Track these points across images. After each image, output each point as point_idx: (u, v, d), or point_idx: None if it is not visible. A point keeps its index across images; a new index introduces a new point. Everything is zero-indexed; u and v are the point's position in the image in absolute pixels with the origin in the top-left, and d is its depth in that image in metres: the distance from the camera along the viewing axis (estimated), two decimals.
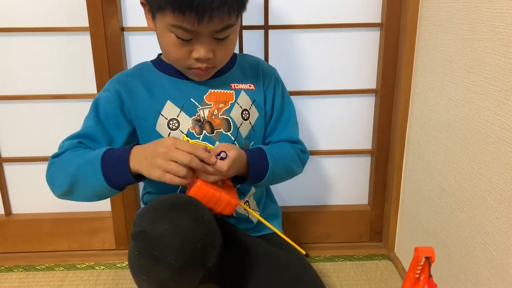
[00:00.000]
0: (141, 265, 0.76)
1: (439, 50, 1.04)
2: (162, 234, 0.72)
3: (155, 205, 0.77)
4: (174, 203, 0.77)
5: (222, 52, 0.89)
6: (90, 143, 0.89)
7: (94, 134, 0.90)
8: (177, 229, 0.73)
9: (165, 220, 0.74)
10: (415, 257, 0.76)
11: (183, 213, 0.75)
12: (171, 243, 0.72)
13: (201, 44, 0.85)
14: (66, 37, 1.23)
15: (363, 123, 1.35)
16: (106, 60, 1.22)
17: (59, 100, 1.29)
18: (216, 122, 0.95)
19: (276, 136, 1.05)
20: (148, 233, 0.73)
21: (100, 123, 0.91)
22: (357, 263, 1.34)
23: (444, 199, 1.03)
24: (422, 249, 0.75)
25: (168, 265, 0.73)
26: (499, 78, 0.81)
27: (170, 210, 0.75)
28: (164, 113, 0.93)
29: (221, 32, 0.84)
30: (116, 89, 0.93)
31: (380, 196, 1.39)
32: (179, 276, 0.76)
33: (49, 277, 1.29)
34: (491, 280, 0.85)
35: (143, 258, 0.75)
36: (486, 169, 0.86)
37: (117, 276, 1.29)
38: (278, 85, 1.06)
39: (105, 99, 0.93)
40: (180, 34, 0.83)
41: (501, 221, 0.82)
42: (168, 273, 0.74)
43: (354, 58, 1.28)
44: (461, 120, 0.95)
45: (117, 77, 0.97)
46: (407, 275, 0.79)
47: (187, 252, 0.73)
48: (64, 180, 0.83)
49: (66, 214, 1.39)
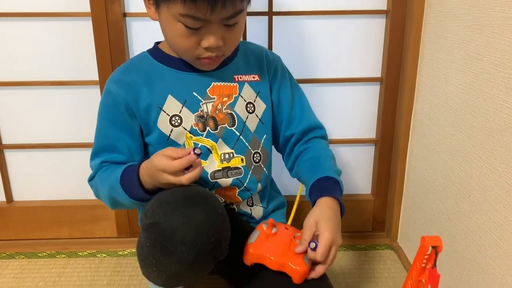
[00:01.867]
0: (153, 257, 0.75)
1: (446, 37, 1.02)
2: (177, 227, 0.72)
3: (169, 197, 0.77)
4: (189, 196, 0.76)
5: (232, 38, 0.86)
6: (111, 156, 0.92)
7: (110, 145, 0.92)
8: (192, 223, 0.73)
9: (179, 213, 0.73)
10: (421, 246, 0.75)
11: (198, 206, 0.75)
12: (185, 237, 0.72)
13: (210, 32, 0.81)
14: (67, 23, 1.21)
15: (367, 112, 1.33)
16: (108, 46, 1.20)
17: (61, 87, 1.27)
18: (220, 117, 0.93)
19: (298, 126, 1.01)
20: (162, 225, 0.73)
21: (112, 130, 0.91)
22: (360, 252, 1.34)
23: (449, 188, 1.02)
24: (429, 238, 0.74)
25: (180, 258, 0.73)
26: (508, 65, 0.79)
27: (185, 203, 0.75)
28: (166, 108, 0.90)
29: (231, 18, 0.81)
30: (116, 91, 0.90)
31: (383, 186, 1.38)
32: (191, 269, 0.75)
33: (51, 264, 1.28)
34: (496, 269, 0.84)
35: (155, 250, 0.74)
36: (493, 157, 0.85)
37: (119, 264, 1.28)
38: (285, 74, 1.03)
39: (108, 105, 0.91)
40: (190, 23, 0.80)
41: (508, 210, 0.81)
42: (180, 266, 0.74)
43: (359, 45, 1.27)
44: (468, 108, 0.93)
45: (114, 76, 0.93)
46: (413, 264, 0.79)
47: (201, 245, 0.73)
48: (105, 201, 0.92)
49: (67, 202, 1.38)
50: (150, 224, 0.74)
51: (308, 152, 0.99)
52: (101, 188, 0.90)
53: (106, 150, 0.92)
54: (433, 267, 0.75)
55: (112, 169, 0.90)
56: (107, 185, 0.88)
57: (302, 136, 1.01)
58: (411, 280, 0.79)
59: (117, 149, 0.91)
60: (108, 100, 0.92)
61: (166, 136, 0.91)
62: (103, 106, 0.92)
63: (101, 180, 0.90)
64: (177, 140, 0.92)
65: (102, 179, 0.90)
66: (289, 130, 1.01)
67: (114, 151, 0.91)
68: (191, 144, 0.92)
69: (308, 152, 0.99)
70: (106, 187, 0.88)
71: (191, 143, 0.92)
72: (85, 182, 0.96)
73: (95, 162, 0.93)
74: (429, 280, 0.75)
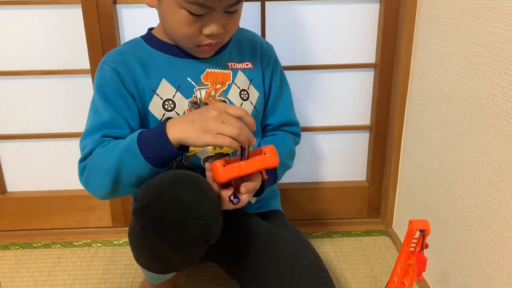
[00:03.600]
0: (143, 240, 0.75)
1: (440, 22, 1.01)
2: (166, 210, 0.71)
3: (158, 181, 0.75)
4: (178, 179, 0.75)
5: (231, 25, 0.86)
6: (112, 131, 0.84)
7: (111, 120, 0.85)
8: (181, 205, 0.72)
9: (168, 196, 0.72)
10: (409, 229, 0.75)
11: (187, 188, 0.74)
12: (174, 219, 0.71)
13: (213, 19, 0.81)
14: (57, 11, 1.20)
15: (362, 98, 1.33)
16: (99, 34, 1.19)
17: (52, 76, 1.26)
18: (213, 103, 0.93)
19: (276, 118, 1.04)
20: (151, 209, 0.72)
21: (111, 106, 0.86)
22: (355, 239, 1.34)
23: (444, 173, 1.02)
24: (417, 222, 0.74)
25: (171, 241, 0.72)
26: (502, 48, 0.78)
27: (174, 185, 0.74)
28: (159, 92, 0.90)
29: (234, 5, 0.81)
30: (112, 68, 0.88)
31: (378, 172, 1.38)
32: (182, 252, 0.75)
33: (46, 254, 1.28)
34: (489, 253, 0.85)
35: (146, 234, 0.73)
36: (487, 142, 0.84)
37: (114, 253, 1.28)
38: (277, 66, 1.03)
39: (106, 81, 0.88)
40: (195, 10, 0.79)
41: (501, 194, 0.81)
42: (170, 249, 0.73)
43: (353, 31, 1.25)
44: (462, 92, 0.93)
45: (109, 57, 0.91)
46: (402, 248, 0.78)
47: (191, 228, 0.72)
48: (105, 179, 0.79)
49: (62, 192, 1.38)
50: (139, 207, 0.73)
51: (271, 137, 1.03)
52: (103, 164, 0.80)
53: (105, 126, 0.85)
54: (420, 250, 0.75)
55: (118, 141, 0.82)
56: (114, 156, 0.78)
57: (277, 127, 1.04)
58: (400, 264, 0.79)
59: (117, 125, 0.85)
60: (104, 76, 0.88)
61: (158, 121, 0.90)
62: (98, 84, 0.88)
63: (103, 154, 0.80)
64: None
65: (104, 152, 0.80)
66: (268, 120, 1.03)
67: (115, 126, 0.85)
68: None
69: (270, 137, 1.03)
70: (112, 159, 0.78)
71: None
72: None
73: (92, 138, 0.84)
74: (416, 264, 0.75)
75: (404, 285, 0.79)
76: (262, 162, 0.78)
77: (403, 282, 0.79)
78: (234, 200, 0.82)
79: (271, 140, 1.03)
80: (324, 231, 1.37)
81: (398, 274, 0.79)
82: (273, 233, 0.95)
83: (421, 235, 0.74)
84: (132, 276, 1.19)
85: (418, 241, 0.75)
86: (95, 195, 0.84)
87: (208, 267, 1.14)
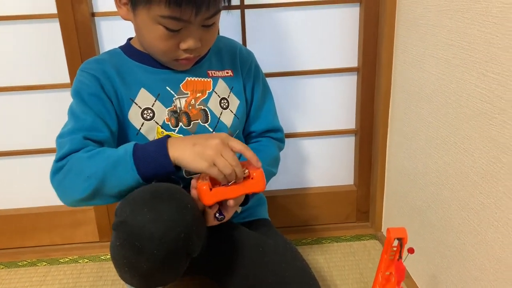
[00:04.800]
0: (123, 256, 0.74)
1: (419, 24, 1.01)
2: (144, 224, 0.70)
3: (137, 195, 0.74)
4: (156, 192, 0.74)
5: (209, 39, 0.87)
6: (93, 134, 0.82)
7: (92, 123, 0.83)
8: (160, 219, 0.70)
9: (147, 210, 0.71)
10: (387, 238, 0.74)
11: (166, 201, 0.72)
12: (153, 233, 0.70)
13: (190, 34, 0.81)
14: (34, 25, 1.18)
15: (346, 103, 1.32)
16: (78, 48, 1.18)
17: (31, 92, 1.24)
18: (193, 112, 0.92)
19: (260, 125, 1.04)
20: (130, 223, 0.71)
21: (90, 110, 0.84)
22: (345, 244, 1.33)
23: (428, 176, 1.02)
24: (394, 230, 0.73)
25: (151, 256, 0.71)
26: (478, 49, 0.78)
27: (152, 199, 0.72)
28: (138, 101, 0.89)
29: (211, 18, 0.81)
30: (91, 74, 0.87)
31: (365, 176, 1.37)
32: (163, 267, 0.74)
33: (32, 272, 1.26)
34: (476, 256, 0.84)
35: (125, 249, 0.72)
36: (468, 143, 0.84)
37: (101, 269, 1.26)
38: (258, 73, 1.03)
39: (84, 85, 0.86)
40: (171, 25, 0.79)
41: (484, 195, 0.80)
42: (151, 264, 0.72)
43: (335, 36, 1.25)
44: (442, 94, 0.93)
45: (87, 64, 0.90)
46: (381, 257, 0.77)
47: (170, 242, 0.71)
48: (85, 185, 0.76)
49: (47, 208, 1.35)
50: (118, 222, 0.72)
51: (255, 144, 1.03)
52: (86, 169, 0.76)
53: (85, 129, 0.82)
54: (398, 259, 0.74)
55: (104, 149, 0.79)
56: (103, 164, 0.75)
57: (261, 134, 1.04)
58: (381, 273, 0.78)
59: (97, 128, 0.83)
60: (82, 82, 0.86)
61: (136, 130, 0.89)
62: (77, 88, 0.86)
63: (89, 159, 0.76)
64: (147, 135, 0.90)
65: (89, 158, 0.77)
66: (251, 127, 1.04)
67: (95, 129, 0.82)
68: None
69: (254, 144, 1.03)
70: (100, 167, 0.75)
71: None
72: None
73: (71, 138, 0.80)
74: (395, 273, 0.74)
75: None
76: (249, 187, 0.78)
77: None
78: (219, 217, 0.82)
79: (255, 147, 1.02)
80: (313, 238, 1.36)
81: (379, 283, 0.78)
82: (260, 242, 0.94)
83: (399, 244, 0.73)
84: None
85: (397, 249, 0.75)
86: (65, 199, 0.80)
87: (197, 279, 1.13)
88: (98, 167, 0.76)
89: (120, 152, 0.77)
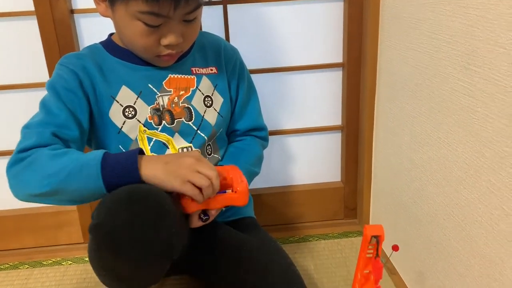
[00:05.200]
0: (101, 259, 0.71)
1: (403, 18, 1.00)
2: (121, 226, 0.68)
3: (113, 196, 0.71)
4: (133, 193, 0.71)
5: (191, 34, 0.85)
6: (62, 131, 0.79)
7: (61, 120, 0.80)
8: (136, 221, 0.68)
9: (123, 211, 0.69)
10: (364, 236, 0.73)
11: (143, 202, 0.70)
12: (130, 236, 0.67)
13: (171, 29, 0.79)
14: (11, 23, 1.15)
15: (332, 99, 1.31)
16: (57, 46, 1.15)
17: (10, 91, 1.21)
18: (176, 110, 0.90)
19: (244, 123, 1.02)
20: (106, 225, 0.68)
21: (64, 105, 0.81)
22: (332, 241, 1.32)
23: (414, 171, 1.00)
24: (370, 227, 0.72)
25: (127, 259, 0.69)
26: (460, 42, 0.77)
27: (129, 200, 0.70)
28: (119, 99, 0.87)
29: (191, 13, 0.79)
30: (70, 69, 0.84)
31: (352, 172, 1.36)
32: (142, 270, 0.71)
33: (13, 276, 1.23)
34: (461, 251, 0.83)
35: (102, 252, 0.70)
36: (451, 138, 0.83)
37: (85, 271, 1.24)
38: (243, 71, 1.01)
39: (61, 79, 0.83)
40: (150, 21, 0.77)
41: (468, 191, 0.79)
42: (128, 267, 0.70)
43: (319, 31, 1.24)
44: (426, 89, 0.91)
45: (66, 59, 0.87)
46: (359, 255, 0.76)
47: (147, 244, 0.68)
48: (43, 182, 0.73)
49: (30, 209, 1.33)
50: (94, 225, 0.70)
51: (238, 142, 1.02)
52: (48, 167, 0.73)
53: (56, 125, 0.79)
54: (375, 257, 0.72)
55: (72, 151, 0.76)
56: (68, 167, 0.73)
57: (245, 133, 1.03)
58: (360, 271, 0.76)
59: (68, 126, 0.80)
60: (60, 75, 0.84)
61: (118, 129, 0.87)
62: (54, 82, 0.84)
63: (53, 159, 0.74)
64: (129, 134, 0.88)
65: (55, 157, 0.74)
66: (236, 125, 1.02)
67: (66, 127, 0.80)
68: (145, 138, 0.88)
69: (238, 142, 1.02)
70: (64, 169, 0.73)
71: (144, 137, 0.88)
72: None
73: (39, 131, 0.77)
74: (373, 271, 0.73)
75: None
76: (231, 200, 0.78)
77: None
78: (204, 218, 0.81)
79: (238, 146, 1.01)
80: (300, 235, 1.35)
81: (359, 281, 0.76)
82: (244, 241, 0.92)
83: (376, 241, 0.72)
84: None
85: (374, 247, 0.73)
86: (17, 192, 0.76)
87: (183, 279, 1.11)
88: (62, 167, 0.73)
89: (89, 157, 0.74)
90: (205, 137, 0.93)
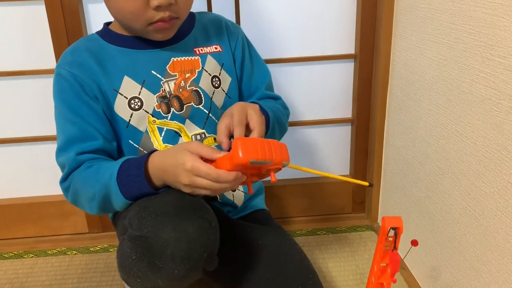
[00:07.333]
0: (138, 269, 0.69)
1: (419, 8, 0.97)
2: (168, 243, 0.66)
3: (158, 208, 0.70)
4: (181, 207, 0.70)
5: None
6: (85, 145, 0.79)
7: (81, 133, 0.80)
8: (184, 238, 0.66)
9: (171, 228, 0.67)
10: (382, 228, 0.71)
11: (190, 219, 0.68)
12: (176, 254, 0.66)
13: None
14: (19, 8, 1.13)
15: (343, 91, 1.29)
16: (65, 32, 1.13)
17: (19, 77, 1.19)
18: (184, 95, 0.86)
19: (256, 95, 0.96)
20: (151, 240, 0.66)
21: (77, 116, 0.80)
22: (340, 235, 1.30)
23: (428, 165, 0.99)
24: (389, 219, 0.70)
25: (169, 275, 0.67)
26: (483, 33, 0.75)
27: (176, 215, 0.68)
28: (123, 91, 0.83)
29: None
30: (69, 72, 0.81)
31: (362, 166, 1.34)
32: (178, 283, 0.70)
33: (18, 265, 1.22)
34: (477, 247, 0.81)
35: (142, 264, 0.68)
36: (470, 131, 0.81)
37: (90, 261, 1.23)
38: (246, 45, 0.96)
39: (65, 89, 0.81)
40: None
41: (487, 185, 0.77)
42: (168, 281, 0.68)
43: (331, 21, 1.21)
44: (443, 81, 0.89)
45: (63, 59, 0.84)
46: (377, 247, 0.74)
47: (192, 262, 0.67)
48: (92, 204, 0.78)
49: (34, 198, 1.31)
50: (137, 236, 0.67)
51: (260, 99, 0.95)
52: (85, 190, 0.77)
53: (77, 140, 0.80)
54: (393, 249, 0.70)
55: (97, 166, 0.78)
56: (95, 187, 0.75)
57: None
58: (376, 264, 0.74)
59: (89, 136, 0.80)
60: (62, 85, 0.82)
61: (126, 123, 0.84)
62: (59, 93, 0.83)
63: (85, 180, 0.77)
64: (139, 127, 0.85)
65: (85, 178, 0.77)
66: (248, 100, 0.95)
67: (86, 139, 0.80)
68: (155, 129, 0.86)
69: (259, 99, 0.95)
70: (94, 188, 0.76)
71: (155, 128, 0.86)
72: (52, 176, 0.89)
73: (67, 157, 0.79)
74: (390, 264, 0.71)
75: (382, 285, 0.75)
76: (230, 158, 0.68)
77: (382, 283, 0.75)
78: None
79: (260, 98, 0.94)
80: (308, 228, 1.34)
81: (375, 274, 0.75)
82: (259, 235, 0.90)
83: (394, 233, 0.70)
84: (109, 284, 1.13)
85: (393, 239, 0.71)
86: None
87: None
88: (94, 189, 0.76)
89: (106, 176, 0.75)
90: (216, 121, 0.89)
